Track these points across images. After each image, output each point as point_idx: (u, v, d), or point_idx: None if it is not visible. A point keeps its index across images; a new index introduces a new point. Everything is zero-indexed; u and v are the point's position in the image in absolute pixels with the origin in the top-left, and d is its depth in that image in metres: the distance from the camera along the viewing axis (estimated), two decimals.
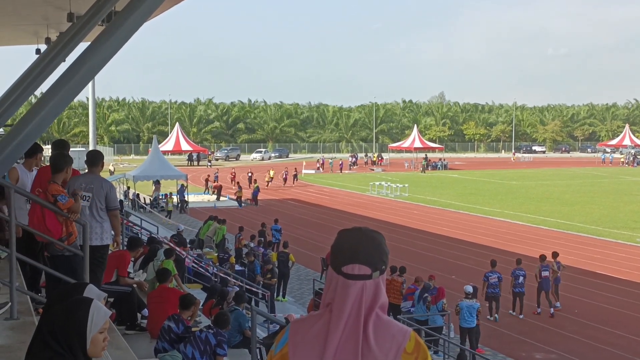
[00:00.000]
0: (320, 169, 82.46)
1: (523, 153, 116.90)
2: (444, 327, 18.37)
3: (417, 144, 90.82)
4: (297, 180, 64.73)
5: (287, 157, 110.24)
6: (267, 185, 59.31)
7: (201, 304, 14.14)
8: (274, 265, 22.56)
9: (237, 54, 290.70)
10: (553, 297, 22.27)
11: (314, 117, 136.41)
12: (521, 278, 21.28)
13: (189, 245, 24.48)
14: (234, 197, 48.18)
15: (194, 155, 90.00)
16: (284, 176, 64.63)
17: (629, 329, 20.24)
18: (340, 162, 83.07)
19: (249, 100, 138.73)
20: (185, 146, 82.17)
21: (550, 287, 21.90)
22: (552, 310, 21.64)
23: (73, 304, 3.21)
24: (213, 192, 50.74)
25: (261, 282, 22.03)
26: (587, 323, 20.91)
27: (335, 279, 2.56)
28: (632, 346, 18.79)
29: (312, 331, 2.56)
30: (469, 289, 18.07)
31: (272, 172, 63.70)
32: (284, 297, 23.30)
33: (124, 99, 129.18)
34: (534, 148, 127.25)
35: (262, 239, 28.10)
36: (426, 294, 18.25)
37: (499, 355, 18.04)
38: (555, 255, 22.83)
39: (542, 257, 22.28)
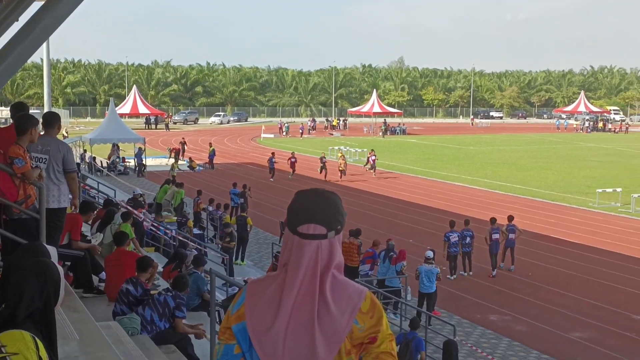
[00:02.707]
0: (282, 133, 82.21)
1: (481, 118, 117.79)
2: (402, 290, 18.62)
3: (376, 109, 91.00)
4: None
5: (246, 121, 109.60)
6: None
7: (160, 267, 14.12)
8: (233, 229, 22.56)
9: (196, 15, 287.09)
10: (501, 259, 22.81)
11: (273, 81, 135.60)
12: (468, 238, 21.89)
13: (144, 210, 24.31)
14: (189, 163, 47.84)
15: (152, 119, 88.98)
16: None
17: (580, 291, 20.73)
18: (301, 127, 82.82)
19: (208, 64, 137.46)
20: (142, 109, 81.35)
21: (499, 249, 22.43)
22: (494, 272, 22.16)
23: (43, 265, 3.16)
24: (171, 155, 50.33)
25: (220, 246, 22.05)
26: (541, 285, 21.35)
27: (291, 239, 2.58)
28: (581, 307, 19.27)
29: (268, 291, 2.59)
30: (429, 253, 18.30)
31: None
32: (242, 260, 23.35)
33: (79, 61, 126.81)
34: (491, 114, 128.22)
35: (244, 199, 28.57)
36: (391, 253, 18.52)
37: (455, 317, 18.34)
38: (510, 219, 23.27)
39: (493, 220, 22.77)
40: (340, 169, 42.95)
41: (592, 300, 19.91)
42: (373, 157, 45.39)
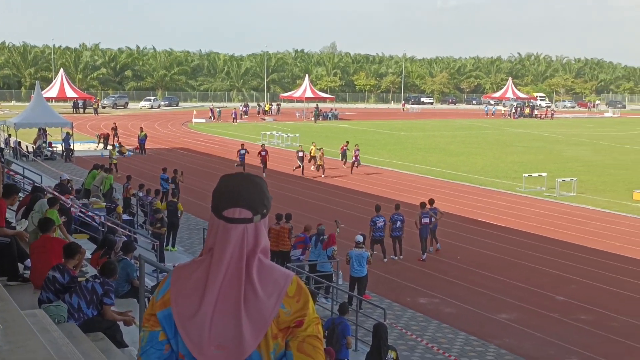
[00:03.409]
0: (212, 118, 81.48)
1: (412, 104, 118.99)
2: (333, 274, 18.74)
3: (309, 94, 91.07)
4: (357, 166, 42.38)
5: (177, 105, 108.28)
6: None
7: (88, 254, 13.87)
8: (164, 214, 22.31)
9: None
10: (430, 243, 23.21)
11: (205, 65, 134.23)
12: (399, 222, 22.17)
13: (72, 196, 23.81)
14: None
15: (80, 103, 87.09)
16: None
17: (506, 273, 21.23)
18: (234, 112, 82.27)
19: (138, 47, 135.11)
20: (70, 93, 79.57)
21: (428, 233, 22.80)
22: (424, 255, 22.54)
23: None
24: (100, 141, 49.41)
25: (150, 232, 21.78)
26: (469, 268, 21.78)
27: (217, 224, 2.56)
28: (508, 289, 19.74)
29: (194, 277, 2.56)
30: (359, 238, 18.45)
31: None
32: (173, 247, 23.12)
33: (3, 43, 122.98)
34: (422, 99, 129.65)
35: (175, 184, 28.23)
36: (322, 237, 18.60)
37: (386, 300, 18.56)
38: (431, 202, 23.62)
39: (422, 205, 23.13)
40: (318, 163, 40.03)
41: (518, 282, 20.41)
42: (357, 152, 41.30)
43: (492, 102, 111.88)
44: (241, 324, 2.47)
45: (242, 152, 39.53)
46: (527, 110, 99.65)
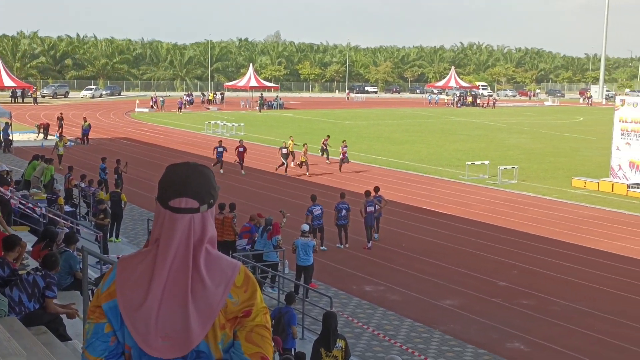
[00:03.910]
0: (154, 108, 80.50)
1: (356, 93, 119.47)
2: (280, 263, 18.75)
3: (253, 83, 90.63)
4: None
5: (119, 94, 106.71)
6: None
7: (29, 246, 13.59)
8: (107, 205, 21.99)
9: None
10: (375, 231, 23.39)
11: (147, 54, 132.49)
12: (344, 211, 22.27)
13: (11, 187, 23.30)
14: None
15: (18, 92, 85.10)
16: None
17: (450, 260, 21.51)
18: (180, 101, 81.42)
19: (78, 35, 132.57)
20: (8, 82, 77.46)
21: (374, 222, 22.95)
22: (369, 244, 22.71)
23: None
24: (40, 131, 48.39)
25: (93, 223, 21.45)
26: (414, 256, 22.01)
27: (163, 214, 2.53)
28: (451, 276, 20.01)
29: (140, 268, 2.53)
30: (305, 227, 18.48)
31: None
32: (117, 238, 22.83)
33: None
34: (366, 88, 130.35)
35: (117, 175, 27.80)
36: (269, 227, 18.58)
37: (332, 289, 18.65)
38: (376, 189, 23.83)
39: (367, 193, 23.26)
40: (302, 159, 36.48)
41: (462, 268, 20.71)
42: (344, 149, 37.76)
43: (435, 91, 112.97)
44: (188, 314, 2.45)
45: (220, 149, 35.69)
46: (469, 99, 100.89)
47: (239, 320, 2.57)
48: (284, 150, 36.85)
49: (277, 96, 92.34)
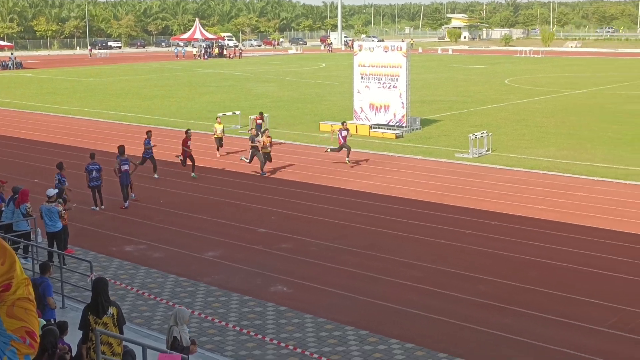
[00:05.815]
0: None
1: (99, 49, 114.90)
2: (32, 232, 17.80)
3: None
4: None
5: None
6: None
7: None
8: None
9: None
10: (131, 190, 22.91)
11: None
12: (94, 172, 21.64)
13: None
14: None
15: None
16: None
17: (210, 213, 21.67)
18: None
19: None
20: None
21: (129, 180, 22.45)
22: (126, 203, 22.34)
23: None
24: None
25: None
26: (173, 211, 21.89)
27: None
28: (212, 228, 20.17)
29: None
30: (50, 191, 17.59)
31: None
32: None
33: None
34: (109, 44, 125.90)
35: None
36: (15, 195, 17.50)
37: (90, 253, 18.06)
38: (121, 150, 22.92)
39: (121, 151, 22.66)
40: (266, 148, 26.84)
41: (222, 220, 20.96)
42: (344, 132, 28.40)
43: (181, 43, 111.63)
44: None
45: (149, 145, 26.01)
46: (216, 51, 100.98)
47: None
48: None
49: (12, 55, 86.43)
